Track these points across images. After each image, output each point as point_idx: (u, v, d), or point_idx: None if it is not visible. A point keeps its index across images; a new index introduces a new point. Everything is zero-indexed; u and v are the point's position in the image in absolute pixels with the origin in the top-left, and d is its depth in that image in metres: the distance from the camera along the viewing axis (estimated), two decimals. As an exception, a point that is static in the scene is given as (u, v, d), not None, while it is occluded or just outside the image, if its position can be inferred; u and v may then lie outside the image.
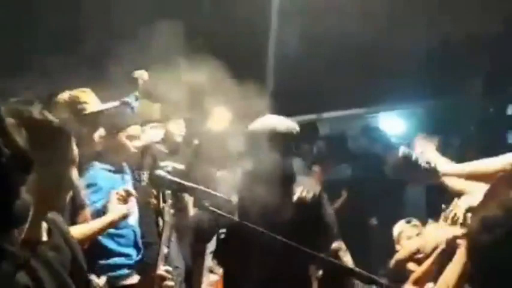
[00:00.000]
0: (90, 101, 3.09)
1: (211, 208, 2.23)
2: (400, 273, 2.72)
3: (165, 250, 2.15)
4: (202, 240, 3.32)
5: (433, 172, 2.12)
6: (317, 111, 7.74)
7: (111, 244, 2.94)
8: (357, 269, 1.94)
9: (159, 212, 2.63)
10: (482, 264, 1.16)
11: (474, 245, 1.18)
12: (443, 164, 2.18)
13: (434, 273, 1.76)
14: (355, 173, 6.06)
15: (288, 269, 2.50)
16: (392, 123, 8.36)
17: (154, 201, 3.05)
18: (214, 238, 3.08)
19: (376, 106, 8.36)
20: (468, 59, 8.58)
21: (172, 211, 2.25)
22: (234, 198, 2.64)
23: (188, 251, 3.76)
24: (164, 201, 2.26)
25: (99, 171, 3.05)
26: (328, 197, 2.99)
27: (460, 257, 1.44)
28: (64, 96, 3.07)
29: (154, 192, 3.04)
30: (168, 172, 2.44)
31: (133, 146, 3.18)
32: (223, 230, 2.81)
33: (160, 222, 2.54)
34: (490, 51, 8.35)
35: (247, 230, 2.21)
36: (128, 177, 3.27)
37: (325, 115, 8.00)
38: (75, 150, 1.31)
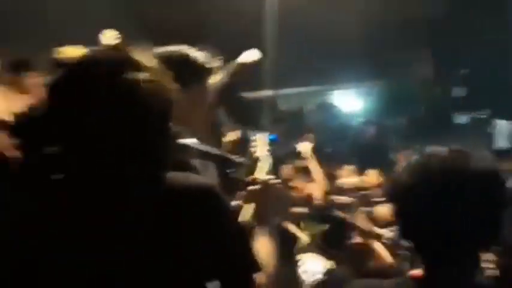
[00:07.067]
0: None
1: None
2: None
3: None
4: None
5: None
6: (276, 87, 7.91)
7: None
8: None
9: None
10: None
11: None
12: None
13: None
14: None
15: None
16: (347, 101, 8.70)
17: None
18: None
19: (332, 85, 8.63)
20: (417, 41, 8.96)
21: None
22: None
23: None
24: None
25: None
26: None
27: None
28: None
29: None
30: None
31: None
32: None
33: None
34: (439, 34, 8.74)
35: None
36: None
37: (283, 91, 8.21)
38: None
